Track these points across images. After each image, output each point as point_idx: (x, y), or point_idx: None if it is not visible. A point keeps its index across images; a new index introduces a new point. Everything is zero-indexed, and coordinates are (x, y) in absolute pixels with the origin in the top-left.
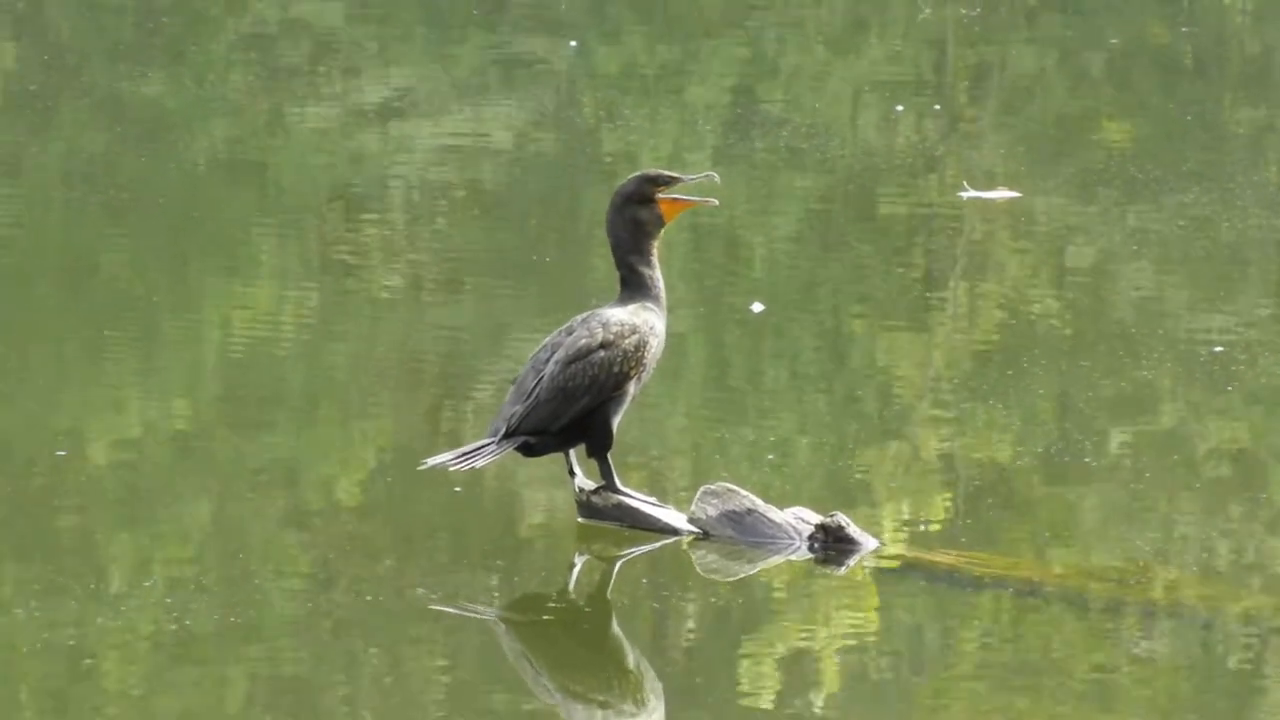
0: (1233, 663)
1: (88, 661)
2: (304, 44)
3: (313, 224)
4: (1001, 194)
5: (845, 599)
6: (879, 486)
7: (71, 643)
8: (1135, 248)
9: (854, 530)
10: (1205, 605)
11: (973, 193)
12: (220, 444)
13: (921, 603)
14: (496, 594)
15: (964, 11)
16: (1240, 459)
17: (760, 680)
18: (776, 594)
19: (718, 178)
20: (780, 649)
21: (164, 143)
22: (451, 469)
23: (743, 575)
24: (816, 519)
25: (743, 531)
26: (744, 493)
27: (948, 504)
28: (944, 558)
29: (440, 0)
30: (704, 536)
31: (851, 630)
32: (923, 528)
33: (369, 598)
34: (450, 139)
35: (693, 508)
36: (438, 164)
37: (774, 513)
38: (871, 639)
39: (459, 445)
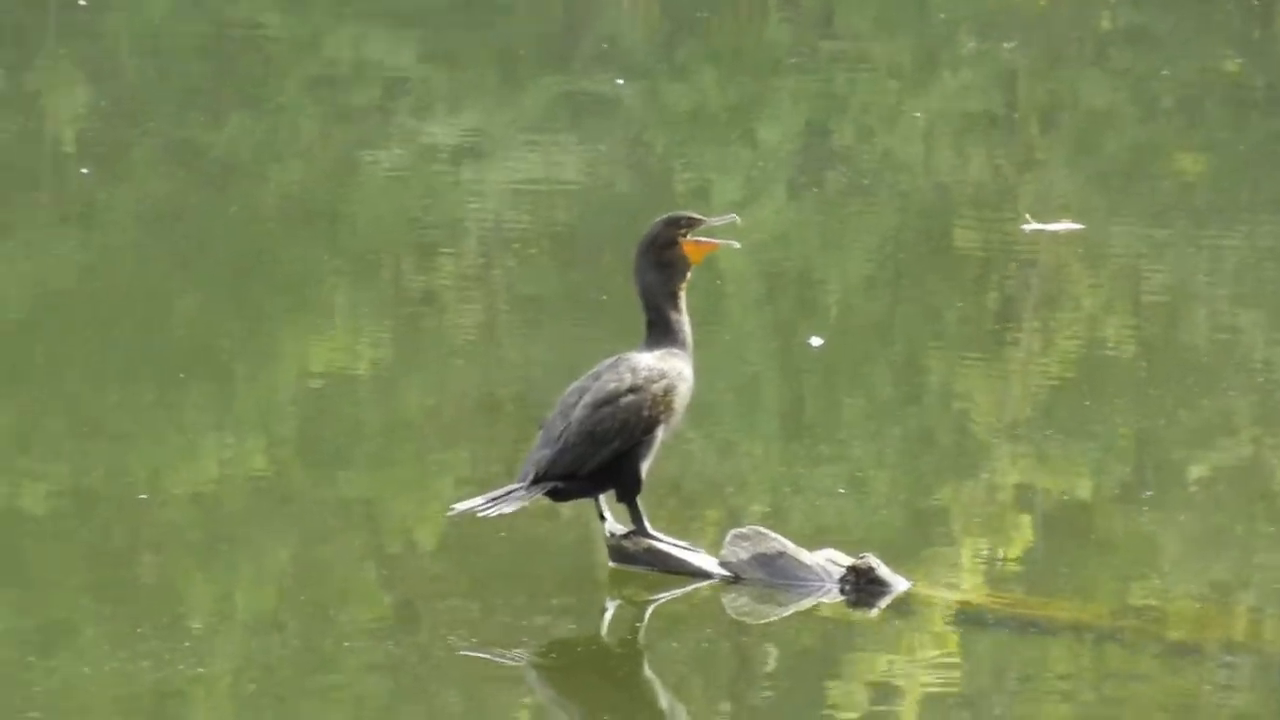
0: None
1: (169, 704)
2: (375, 86)
3: (386, 265)
4: (1064, 226)
5: (876, 642)
6: (955, 522)
7: (152, 685)
8: (1209, 278)
9: (884, 572)
10: None
11: (1035, 225)
12: (297, 486)
13: (965, 644)
14: (528, 639)
15: (1017, 44)
16: None
17: None
18: (808, 637)
19: (739, 220)
20: (813, 692)
21: (236, 187)
22: (480, 514)
23: (774, 618)
24: (847, 561)
25: (774, 574)
26: (774, 536)
27: (1026, 540)
28: (979, 598)
29: (509, 41)
30: (735, 580)
31: (884, 673)
32: (998, 565)
33: (390, 644)
34: (522, 179)
35: (723, 551)
36: (510, 204)
37: (805, 555)
38: (903, 682)
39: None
